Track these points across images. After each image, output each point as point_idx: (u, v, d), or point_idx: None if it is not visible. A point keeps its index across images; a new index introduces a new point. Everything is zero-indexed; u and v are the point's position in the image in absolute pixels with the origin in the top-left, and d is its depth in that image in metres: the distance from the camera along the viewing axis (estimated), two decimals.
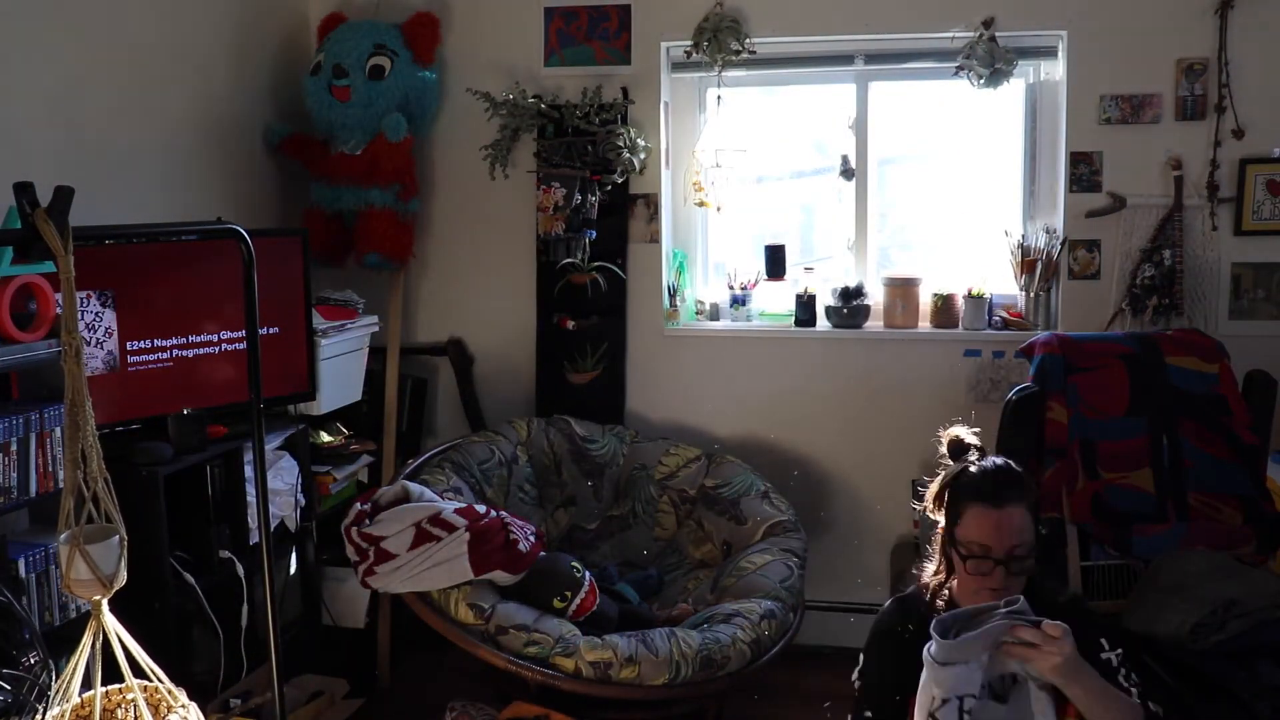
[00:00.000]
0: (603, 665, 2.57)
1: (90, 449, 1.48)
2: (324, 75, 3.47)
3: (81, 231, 1.54)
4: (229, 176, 3.45)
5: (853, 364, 3.61)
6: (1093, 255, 3.43)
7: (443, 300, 3.89)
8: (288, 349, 3.11)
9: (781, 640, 2.87)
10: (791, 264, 3.73)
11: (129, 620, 1.55)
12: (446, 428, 3.93)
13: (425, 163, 3.79)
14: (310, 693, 3.14)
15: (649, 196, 3.68)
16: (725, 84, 3.60)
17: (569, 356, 3.75)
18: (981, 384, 3.50)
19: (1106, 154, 3.38)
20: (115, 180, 2.92)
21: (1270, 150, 3.27)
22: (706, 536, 3.36)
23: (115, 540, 1.50)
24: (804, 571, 3.11)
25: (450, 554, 2.72)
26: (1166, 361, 2.96)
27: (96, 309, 2.64)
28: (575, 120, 3.59)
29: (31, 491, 2.31)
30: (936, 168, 3.74)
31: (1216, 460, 2.86)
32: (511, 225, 3.77)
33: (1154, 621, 2.53)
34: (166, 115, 3.15)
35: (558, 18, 3.68)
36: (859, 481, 3.66)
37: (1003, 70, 3.32)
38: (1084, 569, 2.82)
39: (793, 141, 3.86)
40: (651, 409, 3.77)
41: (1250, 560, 2.74)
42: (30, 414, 2.31)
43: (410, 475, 3.17)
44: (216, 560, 2.84)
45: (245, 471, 2.91)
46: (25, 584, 2.29)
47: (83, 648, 1.48)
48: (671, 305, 3.74)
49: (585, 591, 2.81)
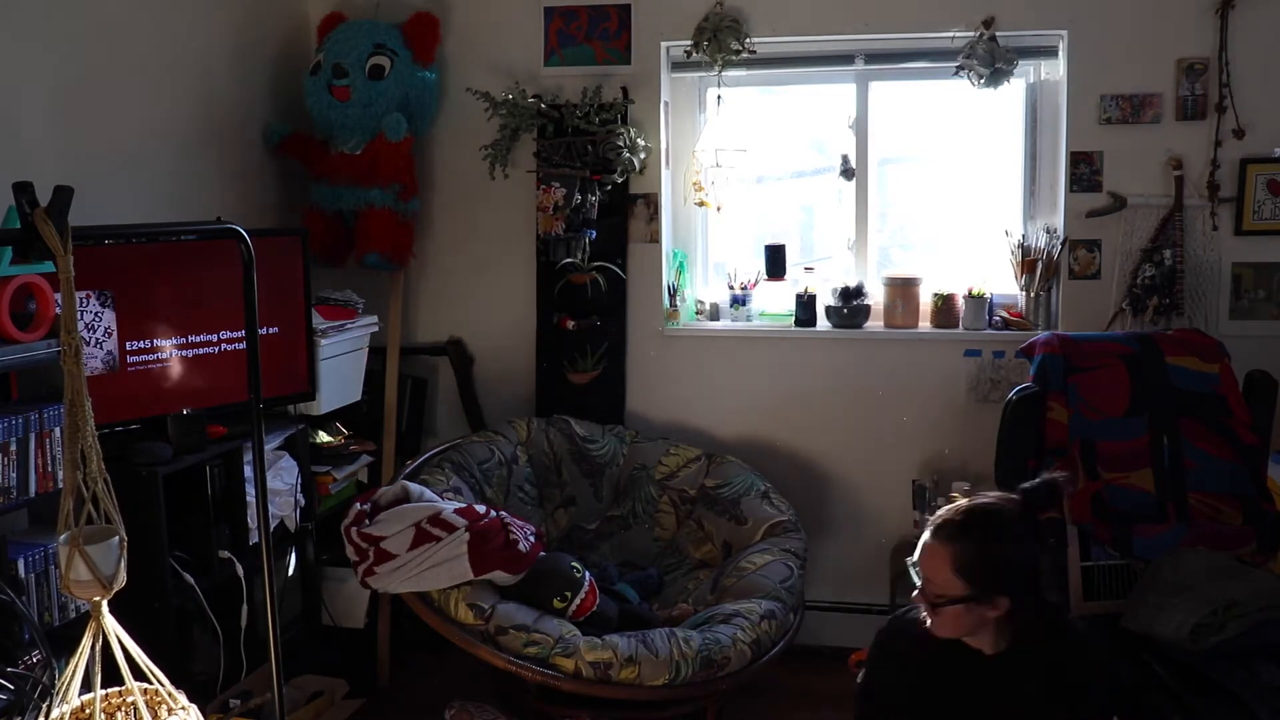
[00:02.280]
0: (603, 665, 2.57)
1: (90, 449, 1.48)
2: (324, 75, 3.46)
3: (81, 231, 1.54)
4: (229, 176, 3.44)
5: (853, 364, 3.61)
6: (1093, 255, 3.43)
7: (443, 300, 3.88)
8: (287, 349, 3.10)
9: (782, 640, 2.87)
10: (791, 264, 3.73)
11: (129, 621, 1.55)
12: (446, 428, 3.92)
13: (425, 163, 3.79)
14: (310, 693, 3.14)
15: (649, 196, 3.67)
16: (725, 84, 3.60)
17: (569, 356, 3.74)
18: (981, 384, 3.50)
19: (1107, 154, 3.37)
20: (115, 180, 2.92)
21: (1271, 150, 3.27)
22: (706, 537, 3.36)
23: (115, 541, 1.49)
24: (804, 571, 3.11)
25: (450, 554, 2.72)
26: (1167, 361, 2.96)
27: (96, 309, 2.64)
28: (575, 120, 3.59)
29: (31, 491, 2.31)
30: (936, 168, 3.74)
31: (1217, 460, 2.86)
32: (511, 225, 3.77)
33: (1154, 622, 2.53)
34: (166, 115, 3.15)
35: (557, 17, 3.67)
36: (859, 481, 3.66)
37: (1003, 70, 3.32)
38: (1084, 569, 2.82)
39: (793, 141, 3.85)
40: (651, 409, 3.76)
41: (1250, 560, 2.74)
42: (30, 414, 2.30)
43: (410, 475, 3.17)
44: (216, 560, 2.83)
45: (245, 471, 2.91)
46: (25, 584, 2.29)
47: (82, 649, 1.48)
48: (671, 305, 3.73)
49: (585, 591, 2.81)
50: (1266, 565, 2.75)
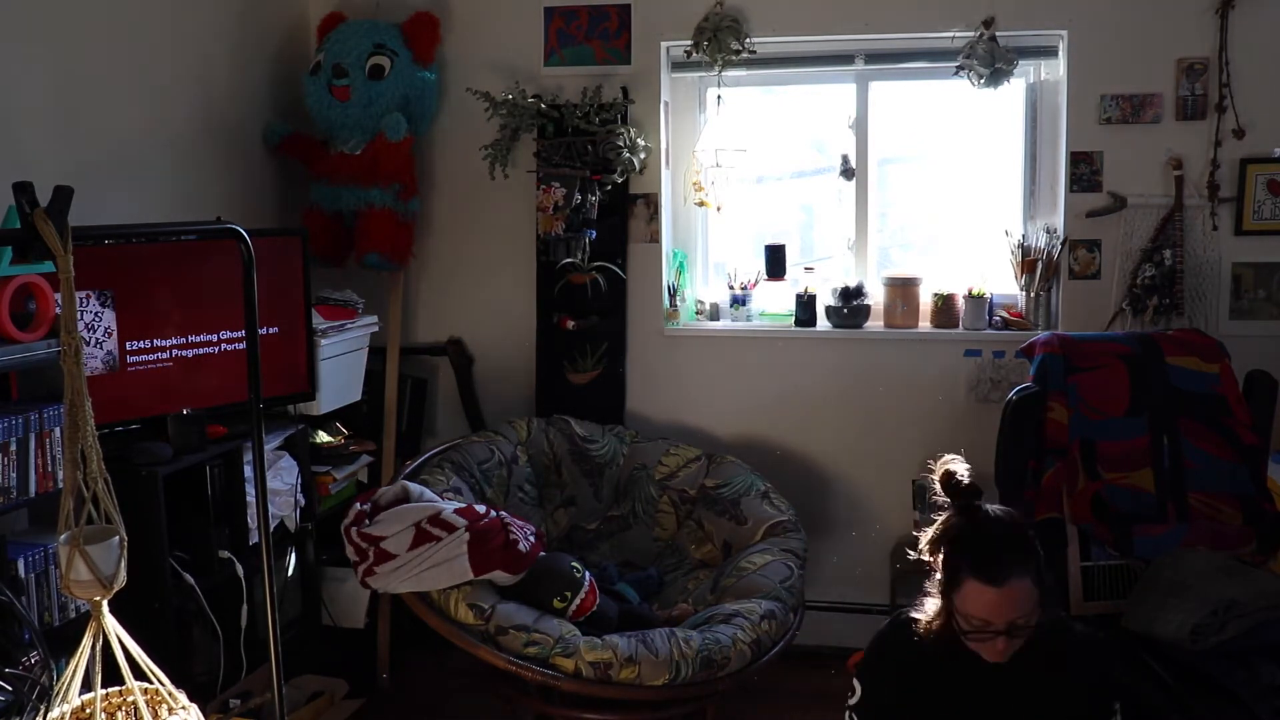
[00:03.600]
0: (603, 665, 2.57)
1: (90, 449, 1.48)
2: (324, 75, 3.46)
3: (81, 231, 1.54)
4: (229, 176, 3.44)
5: (853, 364, 3.61)
6: (1093, 255, 3.43)
7: (443, 300, 3.88)
8: (287, 349, 3.10)
9: (782, 640, 2.87)
10: (792, 264, 3.73)
11: (129, 621, 1.54)
12: (446, 428, 3.92)
13: (425, 163, 3.79)
14: (310, 693, 3.14)
15: (649, 196, 3.67)
16: (725, 84, 3.60)
17: (569, 356, 3.74)
18: (982, 384, 3.50)
19: (1107, 154, 3.38)
20: (115, 180, 2.91)
21: (1271, 150, 3.27)
22: (706, 536, 3.35)
23: (115, 541, 1.49)
24: (804, 571, 3.11)
25: (450, 554, 2.72)
26: (1167, 361, 2.96)
27: (96, 309, 2.64)
28: (575, 120, 3.59)
29: (31, 491, 2.31)
30: (936, 168, 3.74)
31: (1217, 460, 2.86)
32: (511, 225, 3.77)
33: (1154, 622, 2.53)
34: (166, 115, 3.15)
35: (557, 17, 3.67)
36: (859, 481, 3.66)
37: (1003, 70, 3.32)
38: (1084, 569, 2.82)
39: (793, 141, 3.85)
40: (651, 409, 3.76)
41: (1250, 560, 2.74)
42: (30, 414, 2.30)
43: (410, 475, 3.17)
44: (216, 560, 2.83)
45: (245, 471, 2.91)
46: (25, 584, 2.29)
47: (82, 649, 1.48)
48: (671, 305, 3.73)
49: (585, 591, 2.80)
50: (1266, 565, 2.76)
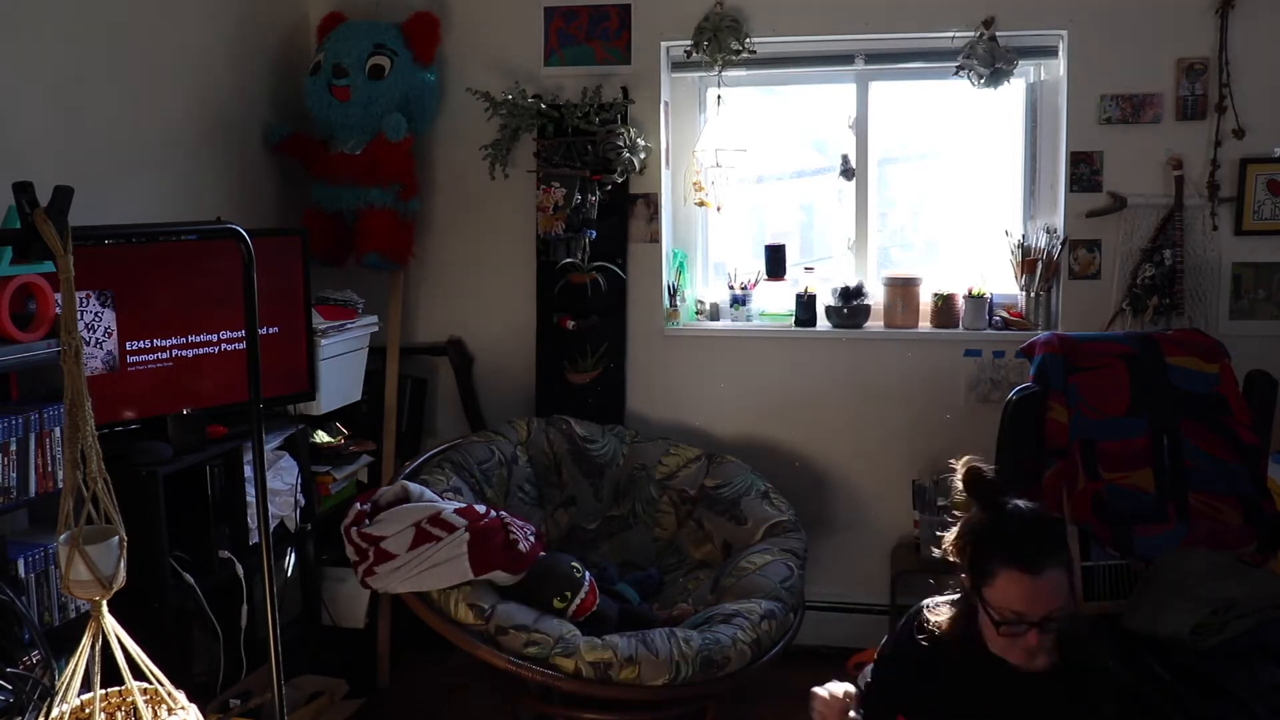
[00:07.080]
0: (603, 665, 2.57)
1: (90, 449, 1.48)
2: (324, 75, 3.47)
3: (81, 231, 1.54)
4: (229, 176, 3.44)
5: (853, 364, 3.61)
6: (1093, 255, 3.43)
7: (443, 300, 3.88)
8: (287, 349, 3.10)
9: (782, 640, 2.87)
10: (792, 264, 3.73)
11: (129, 621, 1.54)
12: (446, 428, 3.92)
13: (425, 162, 3.79)
14: (310, 693, 3.14)
15: (649, 196, 3.67)
16: (725, 84, 3.60)
17: (569, 356, 3.74)
18: (982, 384, 3.50)
19: (1107, 154, 3.38)
20: (115, 180, 2.92)
21: (1271, 150, 3.27)
22: (706, 536, 3.35)
23: (114, 541, 1.49)
24: (804, 571, 3.11)
25: (450, 554, 2.72)
26: (1167, 361, 2.96)
27: (96, 309, 2.64)
28: (575, 120, 3.59)
29: (31, 491, 2.31)
30: (936, 168, 3.74)
31: (1217, 460, 2.85)
32: (511, 225, 3.77)
33: (1154, 622, 2.53)
34: (166, 115, 3.15)
35: (558, 17, 3.67)
36: (859, 481, 3.66)
37: (1003, 70, 3.32)
38: (1084, 569, 2.82)
39: (793, 141, 3.86)
40: (651, 409, 3.76)
41: (1250, 560, 2.74)
42: (30, 414, 2.30)
43: (410, 475, 3.17)
44: (216, 560, 2.83)
45: (245, 471, 2.91)
46: (25, 584, 2.29)
47: (82, 649, 1.48)
48: (671, 305, 3.73)
49: (585, 591, 2.80)
50: (1266, 565, 2.76)
